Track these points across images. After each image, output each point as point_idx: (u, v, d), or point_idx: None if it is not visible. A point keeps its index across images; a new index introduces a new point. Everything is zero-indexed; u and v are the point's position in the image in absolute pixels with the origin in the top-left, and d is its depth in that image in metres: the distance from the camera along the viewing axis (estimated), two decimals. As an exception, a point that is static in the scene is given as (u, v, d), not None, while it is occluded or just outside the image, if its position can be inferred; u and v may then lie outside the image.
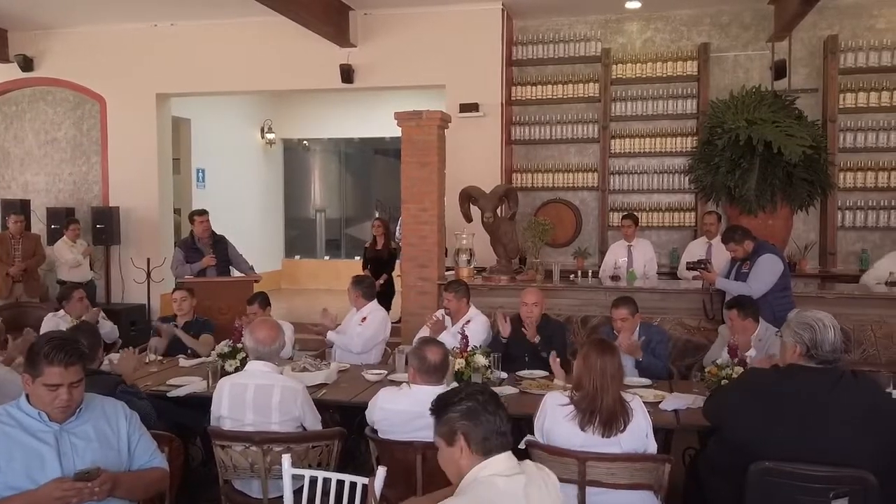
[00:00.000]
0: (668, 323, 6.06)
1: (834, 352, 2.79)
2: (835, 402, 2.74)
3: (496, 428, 2.12)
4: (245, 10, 8.18)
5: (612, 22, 8.66)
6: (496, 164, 8.43)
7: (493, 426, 2.11)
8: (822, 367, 2.80)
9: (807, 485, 2.68)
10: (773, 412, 2.78)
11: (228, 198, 11.04)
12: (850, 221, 8.01)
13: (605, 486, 3.03)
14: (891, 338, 5.83)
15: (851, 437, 2.68)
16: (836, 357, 2.81)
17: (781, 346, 2.95)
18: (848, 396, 2.75)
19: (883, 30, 7.98)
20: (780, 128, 7.14)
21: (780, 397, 2.79)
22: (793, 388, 2.79)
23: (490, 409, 2.13)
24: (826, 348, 2.78)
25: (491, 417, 2.12)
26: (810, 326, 2.80)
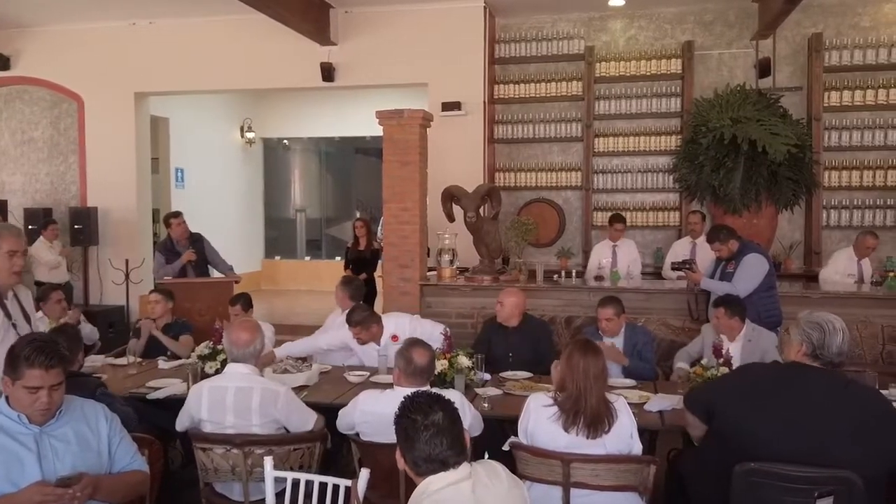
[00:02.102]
0: (653, 323, 6.01)
1: (840, 355, 2.76)
2: (832, 405, 2.69)
3: (428, 455, 2.06)
4: (224, 8, 8.12)
5: (595, 20, 8.62)
6: (479, 163, 8.36)
7: (424, 453, 2.07)
8: (824, 369, 2.76)
9: (792, 485, 2.64)
10: (769, 405, 2.74)
11: (208, 198, 10.97)
12: (835, 220, 8.00)
13: (589, 488, 3.00)
14: (876, 337, 5.81)
15: (844, 441, 2.64)
16: (840, 361, 2.78)
17: (786, 342, 2.91)
18: (846, 400, 2.71)
19: (868, 28, 7.98)
20: (764, 126, 7.11)
21: (778, 391, 2.76)
22: (793, 384, 2.76)
23: (427, 436, 2.06)
24: (833, 350, 2.75)
25: (424, 446, 2.06)
26: (820, 327, 2.76)
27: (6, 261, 3.10)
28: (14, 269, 3.12)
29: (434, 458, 2.06)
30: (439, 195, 6.78)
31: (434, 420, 2.08)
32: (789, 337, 2.86)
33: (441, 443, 2.06)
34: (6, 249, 3.10)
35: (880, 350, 5.81)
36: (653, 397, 4.00)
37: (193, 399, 3.48)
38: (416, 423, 2.08)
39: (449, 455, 2.07)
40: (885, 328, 5.80)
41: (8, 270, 3.11)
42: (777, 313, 5.31)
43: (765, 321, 5.04)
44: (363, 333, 4.84)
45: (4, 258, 3.11)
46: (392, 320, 5.04)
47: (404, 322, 5.03)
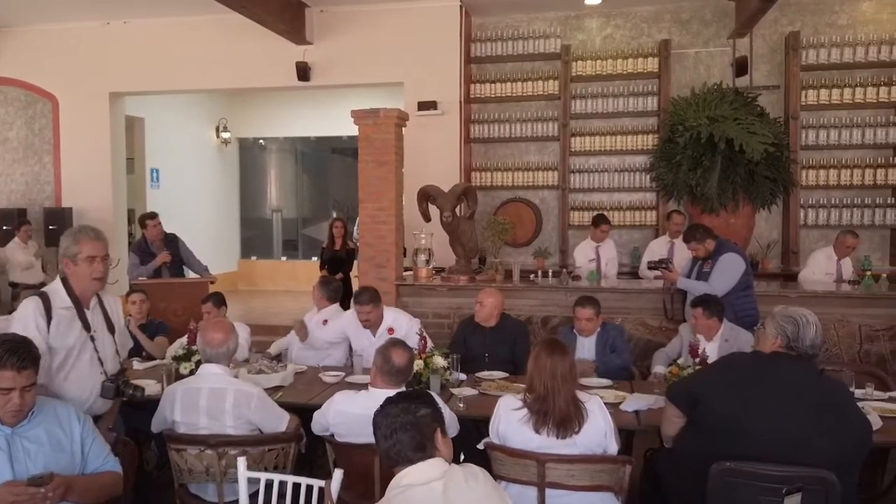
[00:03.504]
0: (630, 323, 6.00)
1: (812, 347, 2.88)
2: (809, 394, 2.79)
3: (387, 451, 2.12)
4: (199, 8, 8.09)
5: (571, 18, 8.61)
6: (455, 162, 8.32)
7: (384, 448, 2.13)
8: (801, 357, 2.88)
9: (768, 485, 2.68)
10: (751, 392, 2.83)
11: (183, 198, 10.89)
12: (812, 220, 8.02)
13: (564, 488, 2.99)
14: (853, 337, 5.83)
15: (817, 429, 2.71)
16: (814, 353, 2.90)
17: (761, 335, 3.03)
18: (821, 391, 2.82)
19: (845, 26, 8.03)
20: (741, 125, 7.11)
21: (759, 379, 2.85)
22: (774, 372, 2.86)
23: (387, 433, 2.12)
24: (806, 343, 2.87)
25: (384, 441, 2.12)
26: (794, 321, 2.88)
27: (86, 267, 2.99)
28: (94, 276, 3.00)
29: (390, 456, 2.11)
30: (416, 195, 6.72)
31: (394, 417, 2.12)
32: (765, 331, 2.97)
33: (396, 439, 2.10)
34: (85, 255, 2.99)
35: (857, 349, 5.83)
36: (629, 397, 3.98)
37: (167, 401, 3.47)
38: (377, 420, 2.15)
39: (408, 452, 2.09)
40: (862, 327, 5.83)
41: (88, 277, 3.00)
42: (754, 313, 5.29)
43: (742, 321, 5.03)
44: (373, 314, 4.92)
45: (84, 264, 2.99)
46: (392, 314, 5.10)
47: (403, 319, 5.07)
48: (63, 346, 2.96)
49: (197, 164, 11.75)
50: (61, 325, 2.97)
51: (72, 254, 3.00)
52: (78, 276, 3.02)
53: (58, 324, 2.96)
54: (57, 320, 2.96)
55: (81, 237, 3.03)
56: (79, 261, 3.00)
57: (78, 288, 3.03)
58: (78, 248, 3.00)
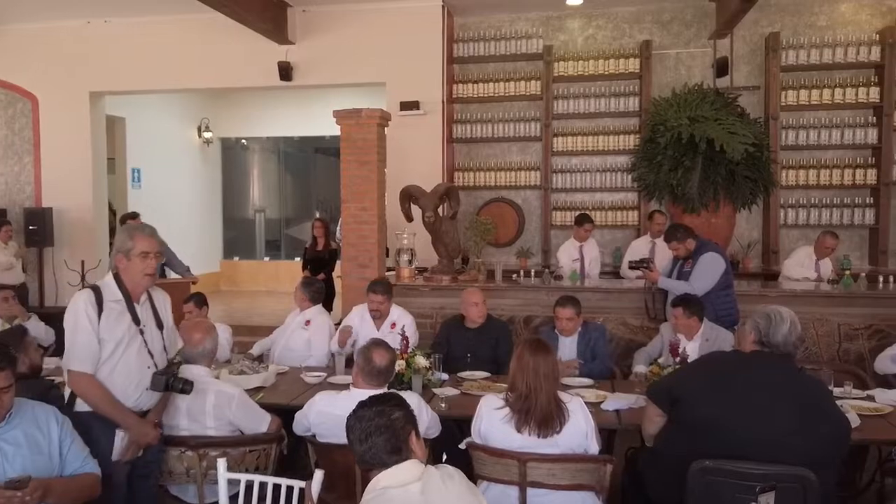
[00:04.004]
0: (612, 322, 6.02)
1: (784, 344, 2.89)
2: (787, 392, 2.81)
3: (362, 455, 2.11)
4: (181, 7, 8.03)
5: (553, 19, 8.63)
6: (438, 162, 8.33)
7: (359, 452, 2.12)
8: (779, 355, 2.90)
9: (746, 483, 2.70)
10: (731, 389, 2.85)
11: (165, 198, 10.83)
12: (792, 219, 8.10)
13: (546, 487, 3.00)
14: (832, 335, 5.89)
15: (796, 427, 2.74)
16: (787, 350, 2.91)
17: (741, 333, 3.07)
18: (800, 389, 2.84)
19: (824, 27, 8.10)
20: (722, 125, 7.14)
21: (738, 376, 2.88)
22: (752, 370, 2.90)
23: (361, 437, 2.11)
24: (777, 339, 2.89)
25: (358, 446, 2.12)
26: (768, 316, 2.92)
27: (139, 262, 3.02)
28: (147, 272, 3.04)
29: (365, 459, 2.11)
30: (398, 195, 6.71)
31: (369, 420, 2.11)
32: (744, 329, 3.01)
33: (371, 443, 2.09)
34: (139, 251, 3.02)
35: (836, 348, 5.89)
36: (610, 396, 3.99)
37: None
38: (350, 423, 2.14)
39: (383, 456, 2.09)
40: (841, 326, 5.89)
41: (141, 273, 3.03)
42: (734, 312, 5.33)
43: (722, 320, 5.07)
44: (384, 305, 5.05)
45: (137, 259, 3.02)
46: (398, 311, 5.17)
47: (407, 319, 5.12)
48: (112, 337, 2.98)
49: (179, 163, 11.68)
50: (111, 317, 2.99)
51: (125, 249, 3.03)
52: (130, 270, 3.04)
53: (108, 316, 2.98)
54: (107, 313, 2.98)
55: (136, 233, 3.07)
56: (132, 256, 3.03)
57: (129, 283, 3.06)
58: (132, 244, 3.02)
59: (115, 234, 8.35)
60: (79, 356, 2.95)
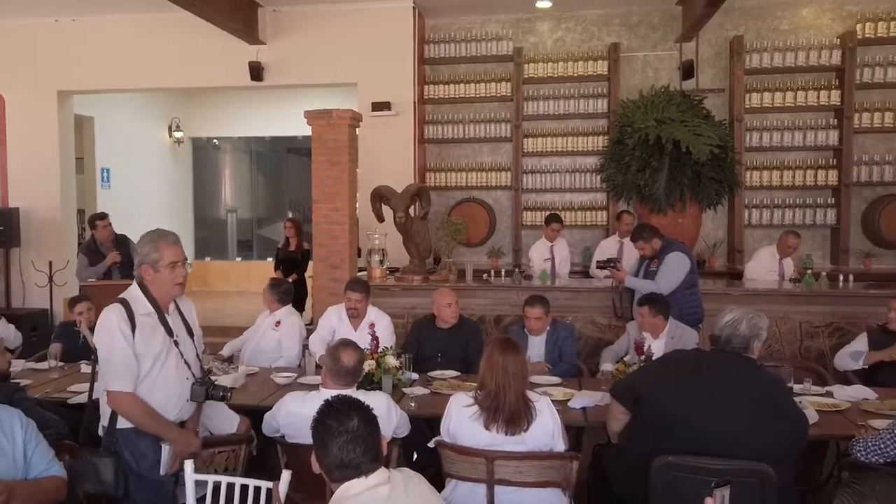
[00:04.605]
0: (580, 321, 6.11)
1: (728, 342, 2.98)
2: (747, 389, 2.89)
3: (341, 461, 2.06)
4: (150, 6, 7.93)
5: (523, 21, 8.70)
6: (409, 163, 8.34)
7: (338, 459, 2.06)
8: (738, 354, 2.97)
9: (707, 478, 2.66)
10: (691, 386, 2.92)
11: (135, 198, 10.71)
12: (756, 219, 8.24)
13: (513, 485, 3.03)
14: (794, 333, 6.03)
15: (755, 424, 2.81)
16: (732, 347, 2.98)
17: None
18: (759, 386, 2.92)
19: (786, 31, 8.26)
20: (688, 127, 7.27)
21: (699, 374, 2.97)
22: (712, 367, 2.99)
23: (341, 442, 2.06)
24: (723, 338, 2.99)
25: (338, 452, 2.06)
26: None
27: (168, 273, 2.93)
28: (178, 281, 2.96)
29: (347, 465, 2.05)
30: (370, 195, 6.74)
31: (349, 426, 2.07)
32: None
33: (355, 449, 2.05)
34: (168, 261, 2.93)
35: (798, 345, 6.04)
36: (577, 394, 4.06)
37: None
38: (331, 429, 2.07)
39: (363, 462, 2.06)
40: (803, 324, 6.04)
41: (171, 282, 2.94)
42: (699, 310, 5.45)
43: (687, 318, 5.17)
44: (361, 304, 5.02)
45: (166, 270, 2.93)
46: (375, 311, 5.15)
47: (384, 319, 5.11)
48: (149, 352, 2.90)
49: (149, 163, 11.56)
50: (145, 331, 2.90)
51: (153, 260, 2.93)
52: (159, 282, 2.95)
53: (142, 330, 2.89)
54: (140, 327, 2.89)
55: (162, 243, 2.96)
56: (160, 267, 2.93)
57: (158, 294, 2.96)
58: (159, 255, 2.93)
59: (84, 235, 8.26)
60: (118, 375, 2.86)
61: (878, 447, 3.01)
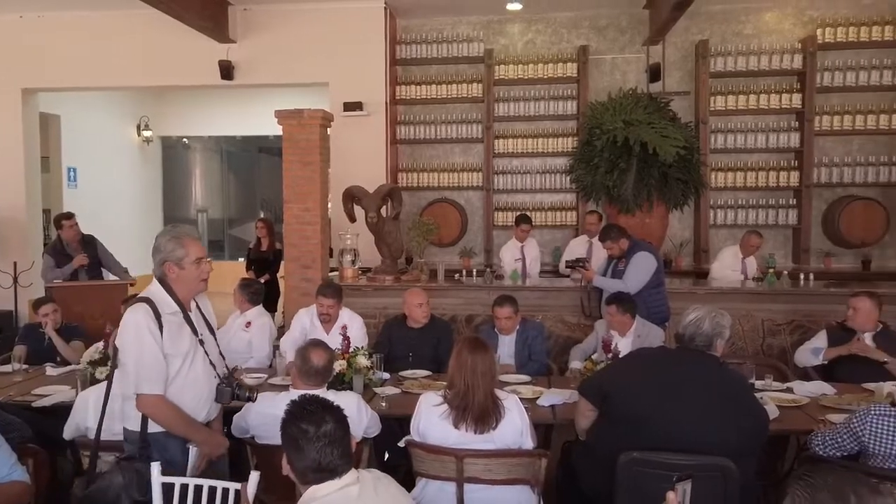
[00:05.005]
0: (550, 320, 6.18)
1: (691, 340, 3.07)
2: (710, 386, 2.96)
3: (318, 464, 2.06)
4: (118, 3, 7.88)
5: (494, 23, 8.77)
6: (381, 163, 8.37)
7: (315, 463, 2.06)
8: (702, 352, 3.04)
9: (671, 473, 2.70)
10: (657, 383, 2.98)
11: (103, 198, 10.60)
12: (721, 219, 8.40)
13: (482, 483, 3.05)
14: (756, 331, 6.17)
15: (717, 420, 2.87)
16: (696, 346, 3.06)
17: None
18: (722, 383, 2.99)
19: (750, 35, 8.44)
20: (655, 129, 7.38)
21: (665, 371, 3.03)
22: (677, 364, 3.06)
23: (319, 446, 2.06)
24: (686, 336, 3.07)
25: (316, 455, 2.06)
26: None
27: (194, 269, 2.86)
28: (203, 277, 2.91)
29: (324, 468, 2.06)
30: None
31: (326, 430, 2.07)
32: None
33: (332, 452, 2.06)
34: (194, 257, 2.86)
35: (760, 343, 6.18)
36: (546, 392, 4.11)
37: (80, 406, 3.37)
38: (308, 434, 2.06)
39: (339, 464, 2.08)
40: (765, 322, 6.18)
41: (196, 279, 2.88)
42: (665, 309, 5.56)
43: (654, 316, 5.27)
44: (334, 308, 4.99)
45: (192, 267, 2.86)
46: (347, 313, 5.12)
47: (357, 321, 5.09)
48: (178, 352, 2.82)
49: (117, 162, 11.44)
50: (172, 330, 2.81)
51: (177, 257, 2.85)
52: (184, 279, 2.86)
53: (169, 330, 2.80)
54: (168, 326, 2.80)
55: (185, 239, 2.89)
56: (185, 264, 2.85)
57: (182, 291, 2.88)
58: (185, 251, 2.85)
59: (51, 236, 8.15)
60: (149, 377, 2.75)
61: (835, 441, 3.10)
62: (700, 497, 2.17)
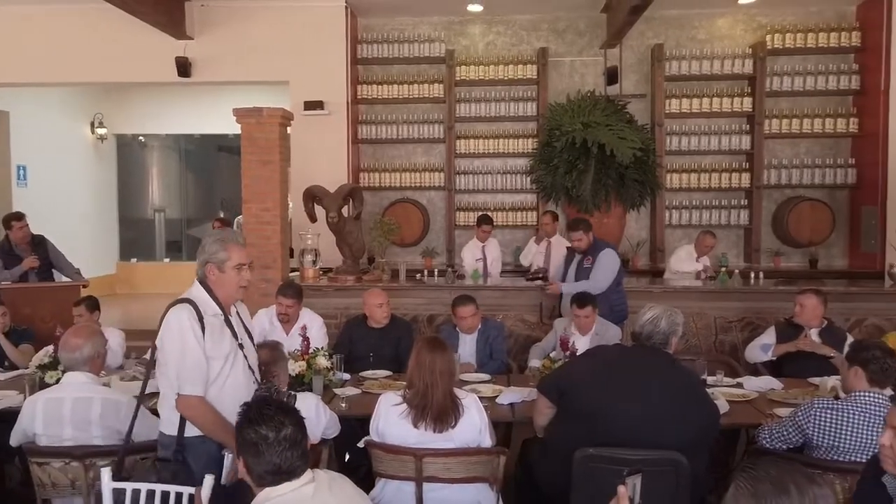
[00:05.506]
0: (510, 319, 6.25)
1: (648, 338, 3.14)
2: (663, 382, 3.03)
3: (278, 467, 2.06)
4: (70, -4, 7.65)
5: (455, 24, 8.81)
6: (343, 163, 8.34)
7: (274, 466, 2.05)
8: (657, 350, 3.12)
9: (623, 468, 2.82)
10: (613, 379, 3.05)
11: (54, 197, 10.30)
12: (676, 220, 8.56)
13: (441, 482, 3.07)
14: (709, 328, 6.33)
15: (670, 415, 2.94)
16: (652, 343, 3.14)
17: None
18: (674, 379, 3.06)
19: (703, 40, 8.63)
20: (612, 131, 7.53)
21: (620, 368, 3.11)
22: (632, 361, 3.14)
23: (280, 450, 2.05)
24: (643, 334, 3.16)
25: (276, 459, 2.05)
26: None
27: (234, 274, 2.83)
28: (242, 283, 2.86)
29: (283, 471, 2.06)
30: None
31: (286, 434, 2.07)
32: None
33: (292, 455, 2.06)
34: (235, 262, 2.83)
35: (713, 340, 6.34)
36: (505, 391, 4.15)
37: (27, 412, 3.29)
38: (269, 440, 2.06)
39: (298, 466, 2.08)
40: (717, 319, 6.35)
41: (235, 285, 2.84)
42: (625, 307, 5.68)
43: (615, 314, 5.42)
44: (293, 309, 4.98)
45: (232, 272, 2.83)
46: (307, 314, 5.09)
47: (317, 322, 5.07)
48: (219, 354, 2.78)
49: (69, 161, 11.10)
50: (214, 333, 2.77)
51: (219, 260, 2.82)
52: (224, 283, 2.84)
53: (211, 332, 2.76)
54: (210, 329, 2.76)
55: (230, 244, 2.86)
56: (226, 268, 2.83)
57: (222, 295, 2.85)
58: (227, 255, 2.82)
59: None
60: (191, 378, 2.72)
61: (781, 434, 3.22)
62: (653, 491, 2.23)
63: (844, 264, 8.49)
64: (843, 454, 3.05)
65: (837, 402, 3.14)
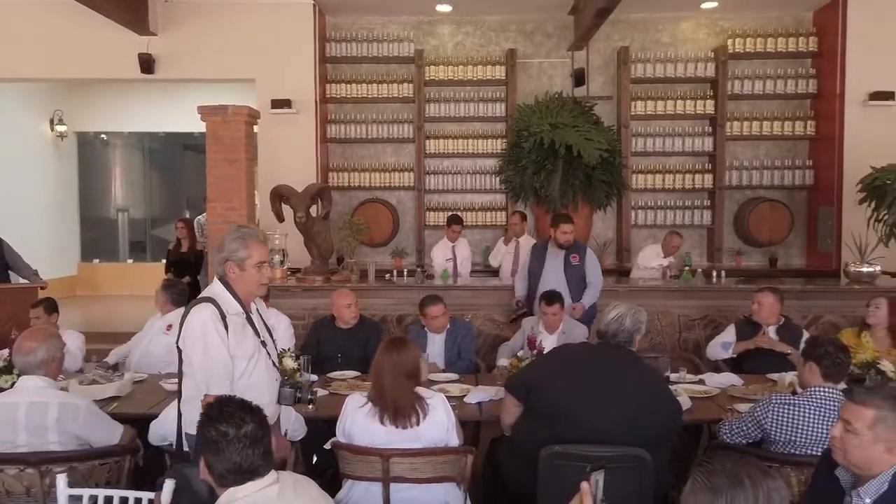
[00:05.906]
0: (479, 319, 6.29)
1: (614, 336, 3.20)
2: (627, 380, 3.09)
3: (239, 466, 2.04)
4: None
5: (424, 24, 8.82)
6: (311, 162, 8.30)
7: (235, 465, 2.04)
8: (622, 348, 3.17)
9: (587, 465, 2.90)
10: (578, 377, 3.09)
11: (11, 196, 10.02)
12: (642, 220, 8.68)
13: (408, 482, 3.07)
14: (673, 326, 6.44)
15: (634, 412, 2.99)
16: (618, 342, 3.20)
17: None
18: (638, 377, 3.12)
19: (667, 43, 8.76)
20: (579, 132, 7.62)
21: (586, 366, 3.16)
22: (598, 360, 3.19)
23: (240, 447, 2.04)
24: (609, 332, 3.20)
25: (237, 457, 2.04)
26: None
27: (255, 273, 2.84)
28: (263, 281, 2.88)
29: (245, 469, 2.05)
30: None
31: (246, 431, 2.06)
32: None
33: (253, 453, 2.05)
34: (256, 260, 2.84)
35: (677, 337, 6.46)
36: (473, 390, 4.17)
37: None
38: (229, 437, 2.04)
39: (260, 465, 2.07)
40: (681, 317, 6.46)
41: (255, 282, 2.86)
42: (594, 307, 5.75)
43: (586, 313, 5.54)
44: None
45: (253, 270, 2.84)
46: (274, 314, 4.99)
47: (284, 322, 5.02)
48: (243, 353, 2.78)
49: (27, 159, 10.81)
50: (237, 331, 2.78)
51: (240, 258, 2.82)
52: (244, 280, 2.84)
53: (234, 330, 2.77)
54: (233, 327, 2.77)
55: (251, 241, 2.86)
56: (247, 266, 2.84)
57: (242, 293, 2.85)
58: (248, 253, 2.82)
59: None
60: (218, 378, 2.72)
61: (740, 429, 3.29)
62: (617, 487, 2.28)
63: (802, 263, 8.70)
64: (800, 448, 3.12)
65: (794, 398, 3.21)
